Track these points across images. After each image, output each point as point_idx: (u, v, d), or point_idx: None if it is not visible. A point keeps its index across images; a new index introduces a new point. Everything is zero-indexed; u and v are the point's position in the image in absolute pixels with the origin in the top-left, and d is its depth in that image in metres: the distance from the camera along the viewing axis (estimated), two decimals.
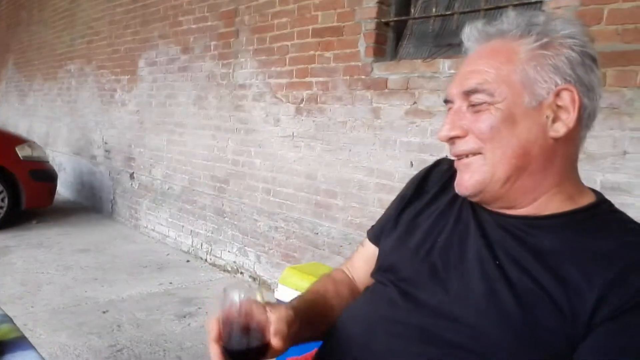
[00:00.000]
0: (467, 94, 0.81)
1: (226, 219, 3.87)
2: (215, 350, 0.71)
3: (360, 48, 2.86)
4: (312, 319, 0.88)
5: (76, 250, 4.16)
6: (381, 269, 0.93)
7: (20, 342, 0.88)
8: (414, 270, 0.85)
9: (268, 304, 0.75)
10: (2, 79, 9.52)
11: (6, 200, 4.68)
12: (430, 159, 2.48)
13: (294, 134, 3.28)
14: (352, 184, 2.90)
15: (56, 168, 5.57)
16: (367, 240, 1.04)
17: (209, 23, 3.97)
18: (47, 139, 7.09)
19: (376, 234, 1.02)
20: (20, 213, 4.83)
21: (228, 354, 0.70)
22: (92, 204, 5.86)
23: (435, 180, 0.97)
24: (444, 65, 2.48)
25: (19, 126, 8.00)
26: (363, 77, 2.85)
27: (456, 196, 0.90)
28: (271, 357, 0.75)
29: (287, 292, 2.24)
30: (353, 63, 2.91)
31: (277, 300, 2.25)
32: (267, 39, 3.47)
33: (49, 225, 4.90)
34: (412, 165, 2.59)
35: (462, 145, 0.82)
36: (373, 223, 1.06)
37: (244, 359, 0.71)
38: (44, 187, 4.97)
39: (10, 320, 0.95)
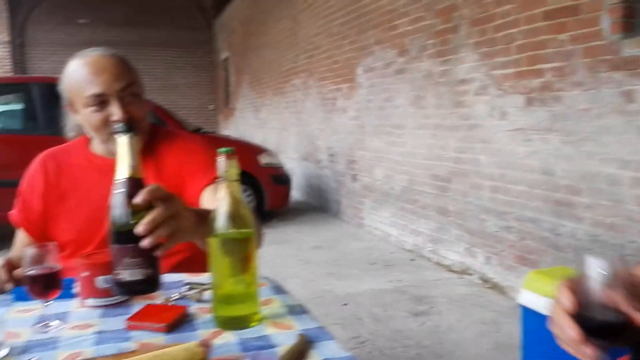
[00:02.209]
0: None
1: (450, 218, 3.82)
2: (569, 322, 0.65)
3: (604, 25, 2.54)
4: None
5: (311, 246, 4.59)
6: None
7: (320, 332, 0.95)
8: None
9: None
10: (239, 97, 11.05)
11: (253, 203, 5.41)
12: None
13: (525, 127, 3.07)
14: (599, 179, 2.59)
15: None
16: None
17: (425, 22, 3.98)
18: (278, 147, 7.97)
19: None
20: (263, 214, 5.53)
21: (584, 325, 0.64)
22: (319, 205, 6.39)
23: None
24: None
25: (254, 137, 9.16)
26: (609, 57, 2.52)
27: None
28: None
29: (533, 298, 2.09)
30: (595, 43, 2.59)
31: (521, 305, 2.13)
32: (489, 29, 3.32)
33: (287, 224, 5.49)
34: None
35: None
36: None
37: (602, 333, 0.65)
38: (282, 190, 5.63)
39: (307, 311, 1.05)
